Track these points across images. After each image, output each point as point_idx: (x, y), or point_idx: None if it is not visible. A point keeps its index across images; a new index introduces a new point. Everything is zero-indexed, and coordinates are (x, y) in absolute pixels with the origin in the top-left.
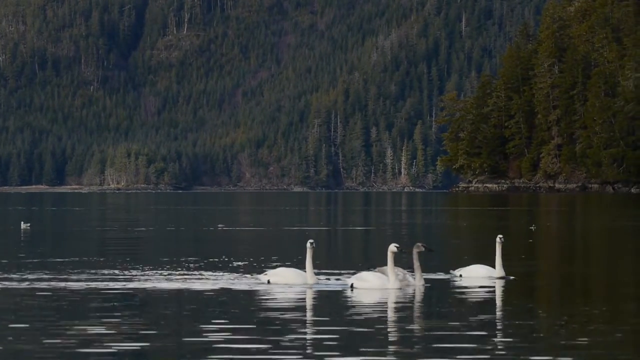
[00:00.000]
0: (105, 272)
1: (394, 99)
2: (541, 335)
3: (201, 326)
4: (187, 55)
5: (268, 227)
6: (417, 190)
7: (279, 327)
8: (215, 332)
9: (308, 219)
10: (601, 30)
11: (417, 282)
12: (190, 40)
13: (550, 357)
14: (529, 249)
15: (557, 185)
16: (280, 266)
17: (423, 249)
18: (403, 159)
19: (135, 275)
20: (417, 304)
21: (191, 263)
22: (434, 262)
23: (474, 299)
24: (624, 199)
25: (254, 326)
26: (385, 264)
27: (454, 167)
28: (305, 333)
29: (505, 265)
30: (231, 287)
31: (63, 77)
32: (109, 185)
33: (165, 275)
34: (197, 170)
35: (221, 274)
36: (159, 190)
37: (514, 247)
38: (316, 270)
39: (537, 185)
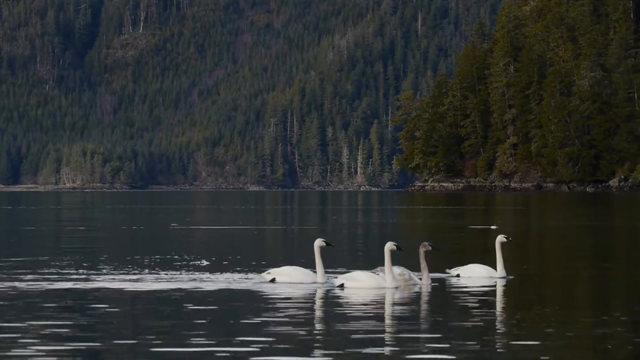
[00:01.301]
0: (55, 271)
1: (350, 98)
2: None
3: (183, 331)
4: (143, 54)
5: (222, 226)
6: (373, 189)
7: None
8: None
9: (264, 218)
10: (556, 29)
11: (423, 281)
12: (146, 39)
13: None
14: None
15: (512, 185)
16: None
17: (430, 248)
18: (359, 158)
19: (84, 274)
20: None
21: (145, 261)
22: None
23: (482, 299)
24: (579, 198)
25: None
26: (383, 264)
27: (410, 166)
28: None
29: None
30: (182, 287)
31: (18, 76)
32: (65, 184)
33: (118, 274)
34: (153, 169)
35: (175, 273)
36: (115, 190)
37: (478, 246)
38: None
39: (493, 184)
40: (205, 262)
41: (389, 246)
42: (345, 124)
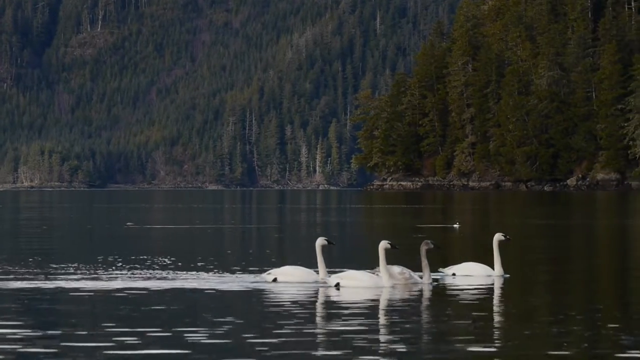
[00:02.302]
0: (12, 270)
1: (309, 97)
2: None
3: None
4: (101, 52)
5: (178, 225)
6: (331, 188)
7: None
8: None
9: (222, 217)
10: (515, 28)
11: (424, 280)
12: (104, 37)
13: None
14: (461, 246)
15: (470, 183)
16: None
17: (432, 247)
18: (318, 157)
19: (41, 274)
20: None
21: (98, 260)
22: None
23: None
24: (537, 197)
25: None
26: (387, 263)
27: (369, 165)
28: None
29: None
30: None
31: None
32: (23, 183)
33: (73, 273)
34: (111, 168)
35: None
36: (73, 188)
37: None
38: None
39: (451, 183)
40: (162, 261)
41: (383, 245)
42: (304, 123)
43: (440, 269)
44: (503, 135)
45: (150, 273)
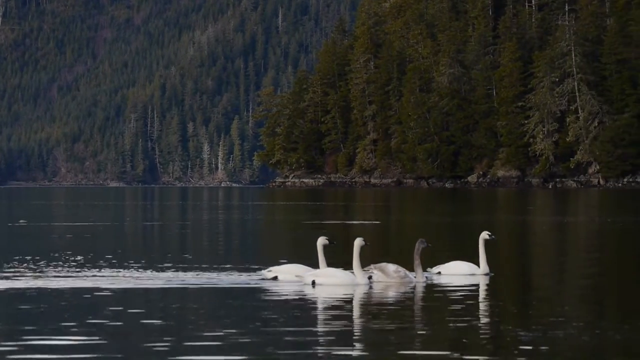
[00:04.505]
0: None
1: (211, 94)
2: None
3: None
4: (1, 49)
5: (73, 223)
6: (234, 185)
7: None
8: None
9: (120, 214)
10: (416, 26)
11: (417, 278)
12: (5, 34)
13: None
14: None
15: (372, 180)
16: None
17: (426, 245)
18: (220, 154)
19: None
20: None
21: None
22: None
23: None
24: (437, 194)
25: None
26: (384, 262)
27: (271, 162)
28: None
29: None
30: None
31: None
32: None
33: None
34: (12, 165)
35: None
36: None
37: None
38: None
39: (353, 180)
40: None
41: (359, 242)
42: (206, 120)
43: (428, 269)
44: (404, 132)
45: (20, 272)
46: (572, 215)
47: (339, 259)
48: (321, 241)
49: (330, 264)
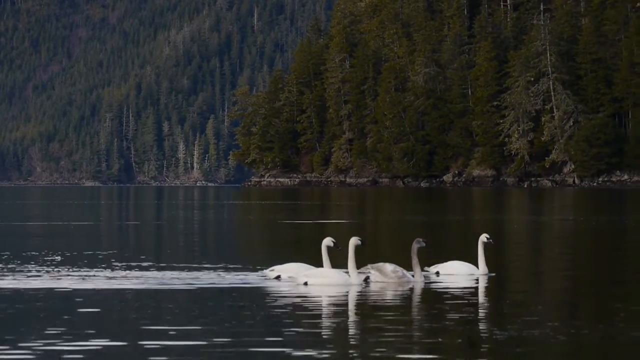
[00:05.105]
0: None
1: (186, 93)
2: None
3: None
4: None
5: (42, 222)
6: (209, 184)
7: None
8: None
9: (95, 214)
10: (391, 25)
11: (416, 278)
12: None
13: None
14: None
15: (348, 180)
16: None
17: (424, 244)
18: (195, 153)
19: None
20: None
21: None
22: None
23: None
24: (413, 193)
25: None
26: (384, 262)
27: (246, 161)
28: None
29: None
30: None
31: None
32: None
33: None
34: None
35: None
36: None
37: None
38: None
39: (329, 179)
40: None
41: (354, 241)
42: (181, 119)
43: (426, 268)
44: (380, 131)
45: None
46: (546, 214)
47: (339, 259)
48: (326, 242)
49: (333, 265)
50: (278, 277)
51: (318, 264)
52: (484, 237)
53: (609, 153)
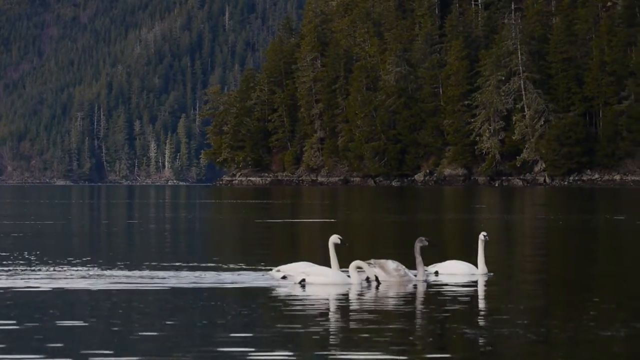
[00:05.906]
0: None
1: (158, 92)
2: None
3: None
4: None
5: (17, 222)
6: (180, 183)
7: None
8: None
9: (65, 213)
10: (363, 24)
11: (418, 277)
12: None
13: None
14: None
15: (319, 179)
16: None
17: (427, 244)
18: (167, 153)
19: None
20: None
21: None
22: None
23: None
24: (384, 192)
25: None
26: (384, 259)
27: (218, 160)
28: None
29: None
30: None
31: None
32: None
33: None
34: None
35: None
36: None
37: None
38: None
39: (300, 178)
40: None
41: (333, 239)
42: (152, 118)
43: (425, 268)
44: (351, 130)
45: None
46: (517, 213)
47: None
48: (333, 239)
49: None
50: (284, 278)
51: (318, 263)
52: (482, 236)
53: (580, 152)
